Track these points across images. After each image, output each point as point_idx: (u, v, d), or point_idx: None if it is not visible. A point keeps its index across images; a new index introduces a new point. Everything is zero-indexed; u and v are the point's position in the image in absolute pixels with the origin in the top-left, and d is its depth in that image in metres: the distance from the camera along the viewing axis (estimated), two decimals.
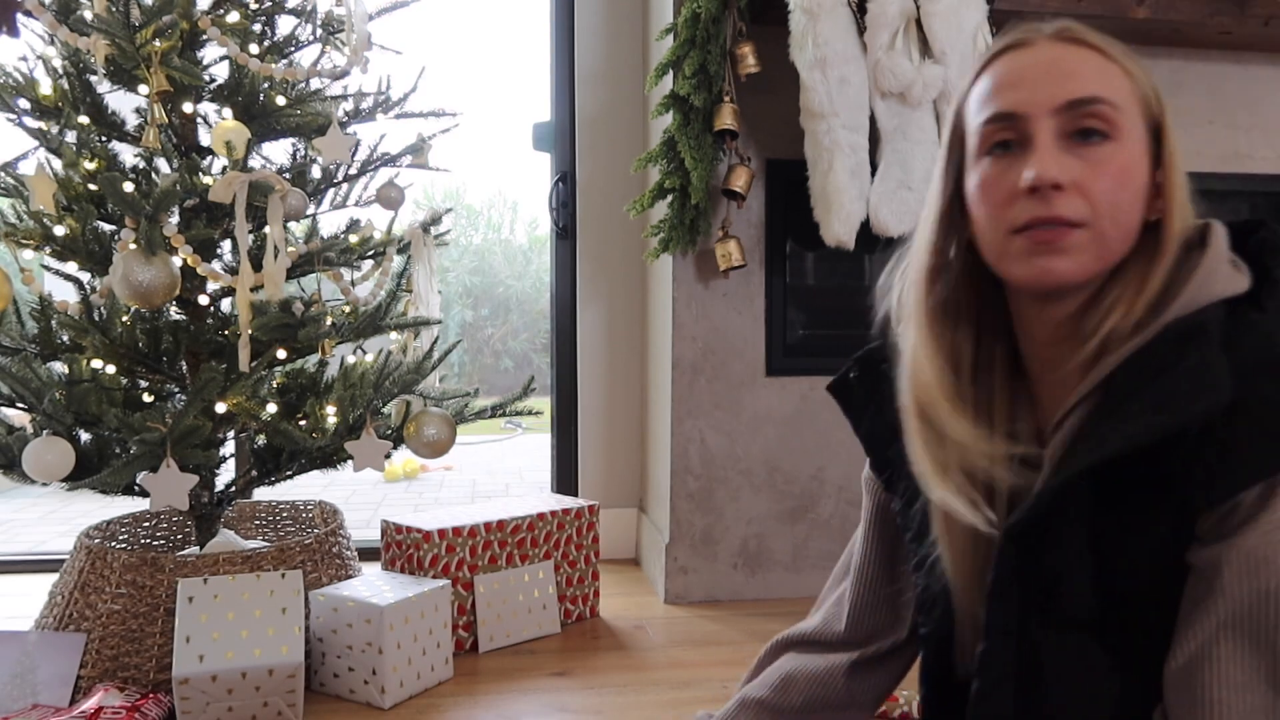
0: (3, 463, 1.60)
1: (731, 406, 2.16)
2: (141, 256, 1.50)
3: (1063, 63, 0.76)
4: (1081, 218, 0.74)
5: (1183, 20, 2.01)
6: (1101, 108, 0.74)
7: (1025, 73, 0.77)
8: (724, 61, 1.96)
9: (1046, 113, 0.75)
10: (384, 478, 4.16)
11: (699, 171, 1.96)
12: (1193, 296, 0.72)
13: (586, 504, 2.07)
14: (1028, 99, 0.75)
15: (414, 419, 1.80)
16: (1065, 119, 0.74)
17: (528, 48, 9.56)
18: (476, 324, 7.90)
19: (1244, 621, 0.66)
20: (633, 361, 2.58)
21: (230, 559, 1.61)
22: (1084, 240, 0.74)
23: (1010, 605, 0.77)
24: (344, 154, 1.73)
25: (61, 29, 1.60)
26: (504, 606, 1.89)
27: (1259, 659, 0.65)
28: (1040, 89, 0.75)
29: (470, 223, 8.19)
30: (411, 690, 1.63)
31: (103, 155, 1.65)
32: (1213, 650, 0.67)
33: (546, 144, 2.58)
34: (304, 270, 1.81)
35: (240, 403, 1.62)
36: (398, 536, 1.87)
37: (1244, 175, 2.28)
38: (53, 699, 1.52)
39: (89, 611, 1.60)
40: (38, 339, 1.61)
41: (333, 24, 1.88)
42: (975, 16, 1.86)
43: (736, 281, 2.13)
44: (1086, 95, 0.74)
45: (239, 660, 1.46)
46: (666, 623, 2.02)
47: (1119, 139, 0.74)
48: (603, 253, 2.55)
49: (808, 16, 1.83)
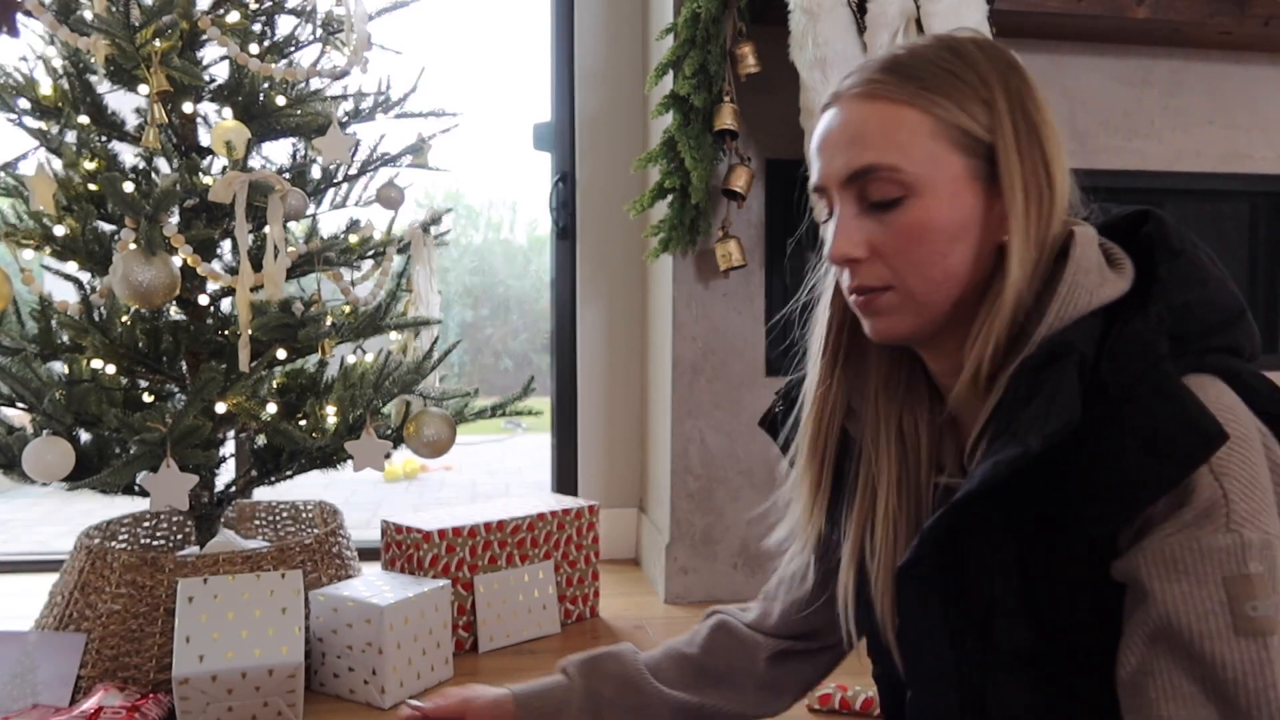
0: (3, 463, 1.60)
1: (731, 406, 2.16)
2: (141, 256, 1.50)
3: (850, 127, 0.75)
4: (884, 282, 0.75)
5: (1183, 20, 2.01)
6: (881, 173, 0.73)
7: (824, 141, 0.77)
8: (724, 61, 1.96)
9: (838, 185, 0.76)
10: (384, 478, 4.16)
11: (699, 171, 1.96)
12: (1058, 315, 0.69)
13: (586, 504, 2.07)
14: (825, 171, 0.77)
15: (414, 419, 1.80)
16: (855, 189, 0.75)
17: (528, 48, 9.56)
18: (476, 324, 7.91)
19: (1172, 630, 0.64)
20: (633, 361, 2.58)
21: (230, 559, 1.61)
22: (894, 301, 0.75)
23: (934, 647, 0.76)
24: (344, 154, 1.73)
25: (61, 29, 1.60)
26: (504, 606, 1.89)
27: (1197, 668, 0.63)
28: (833, 160, 0.76)
29: (470, 223, 8.19)
30: (411, 690, 1.63)
31: (103, 155, 1.65)
32: (1153, 663, 0.65)
33: (546, 144, 2.58)
34: (304, 270, 1.81)
35: (240, 403, 1.62)
36: (398, 536, 1.87)
37: (1244, 175, 2.28)
38: (53, 699, 1.52)
39: (89, 611, 1.60)
40: (38, 339, 1.61)
41: (333, 24, 1.88)
42: (975, 16, 1.86)
43: (736, 281, 2.13)
44: (863, 165, 0.73)
45: (239, 660, 1.46)
46: (666, 623, 2.02)
47: (916, 194, 0.72)
48: (603, 253, 2.55)
49: (808, 16, 1.83)
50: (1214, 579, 0.63)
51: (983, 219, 0.74)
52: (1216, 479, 0.63)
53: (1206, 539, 0.63)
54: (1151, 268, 0.71)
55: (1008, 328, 0.71)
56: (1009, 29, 1.98)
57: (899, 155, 0.72)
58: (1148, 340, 0.66)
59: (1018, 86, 0.75)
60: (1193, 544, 0.63)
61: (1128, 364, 0.66)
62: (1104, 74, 2.20)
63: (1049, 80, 2.17)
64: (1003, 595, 0.72)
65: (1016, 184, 0.72)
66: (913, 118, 0.73)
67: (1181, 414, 0.63)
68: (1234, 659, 0.62)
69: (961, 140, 0.73)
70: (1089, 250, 0.71)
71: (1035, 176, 0.73)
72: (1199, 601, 0.63)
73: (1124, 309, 0.69)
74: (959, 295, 0.74)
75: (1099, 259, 0.72)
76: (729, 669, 0.99)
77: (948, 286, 0.74)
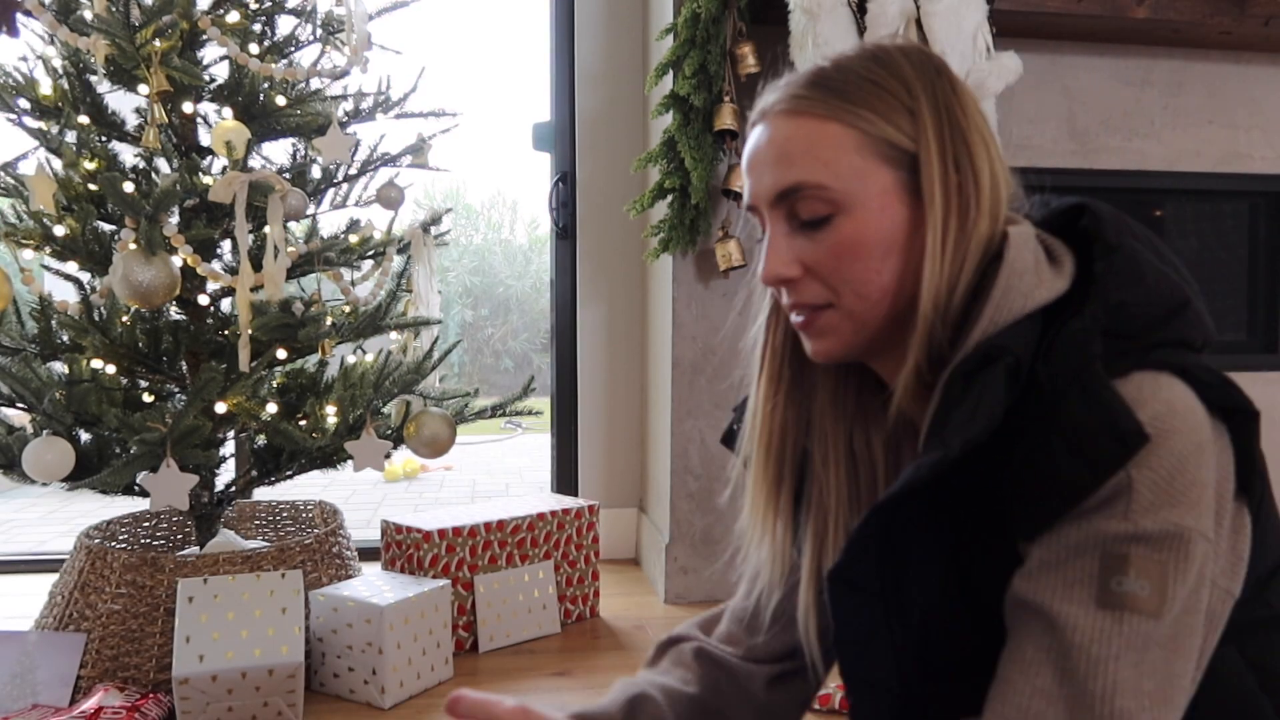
0: (3, 463, 1.60)
1: (731, 406, 2.16)
2: (141, 256, 1.50)
3: (775, 145, 0.74)
4: (822, 299, 0.74)
5: (1183, 20, 2.01)
6: (807, 192, 0.72)
7: (753, 160, 0.76)
8: (724, 61, 1.96)
9: (767, 204, 0.75)
10: (384, 478, 4.15)
11: (699, 171, 1.96)
12: (992, 319, 0.68)
13: (586, 504, 2.07)
14: (755, 191, 0.76)
15: (414, 419, 1.80)
16: (784, 208, 0.74)
17: (528, 48, 9.57)
18: (476, 324, 7.91)
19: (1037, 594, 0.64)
20: (633, 361, 2.58)
21: (230, 559, 1.61)
22: (833, 319, 0.74)
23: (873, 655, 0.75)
24: (344, 154, 1.73)
25: (61, 29, 1.60)
26: (504, 606, 1.89)
27: (1050, 633, 0.63)
28: (761, 179, 0.75)
29: (470, 223, 8.19)
30: (411, 690, 1.63)
31: (103, 155, 1.65)
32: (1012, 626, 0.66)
33: (546, 144, 2.58)
34: (304, 270, 1.81)
35: (240, 403, 1.62)
36: (398, 536, 1.87)
37: (1244, 175, 2.28)
38: (53, 699, 1.52)
39: (89, 611, 1.60)
40: (38, 339, 1.61)
41: (333, 24, 1.88)
42: (975, 16, 1.86)
43: (736, 281, 2.13)
44: (790, 184, 0.72)
45: (239, 660, 1.46)
46: (666, 623, 2.02)
47: (844, 210, 0.72)
48: (603, 253, 2.55)
49: (808, 16, 1.82)
50: (1092, 554, 0.63)
51: (910, 232, 0.72)
52: (1126, 470, 0.63)
53: (1100, 523, 0.63)
54: (1090, 264, 0.70)
55: (930, 336, 0.71)
56: (1009, 29, 1.98)
57: (825, 173, 0.71)
58: (1081, 341, 0.66)
59: (945, 91, 0.73)
60: (1085, 525, 0.63)
61: (1061, 364, 0.65)
62: (1104, 74, 2.20)
63: (1049, 80, 2.17)
64: (940, 600, 0.71)
65: (937, 194, 0.71)
66: (837, 133, 0.72)
67: (1104, 417, 0.63)
68: (1086, 624, 0.62)
69: (888, 153, 0.72)
70: (1023, 252, 0.70)
71: (960, 186, 0.72)
72: (1070, 570, 0.63)
73: (1062, 309, 0.69)
74: (897, 309, 0.73)
75: (1035, 259, 0.71)
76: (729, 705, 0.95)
77: (886, 302, 0.73)
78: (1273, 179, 2.29)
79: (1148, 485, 0.62)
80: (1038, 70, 2.14)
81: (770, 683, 0.94)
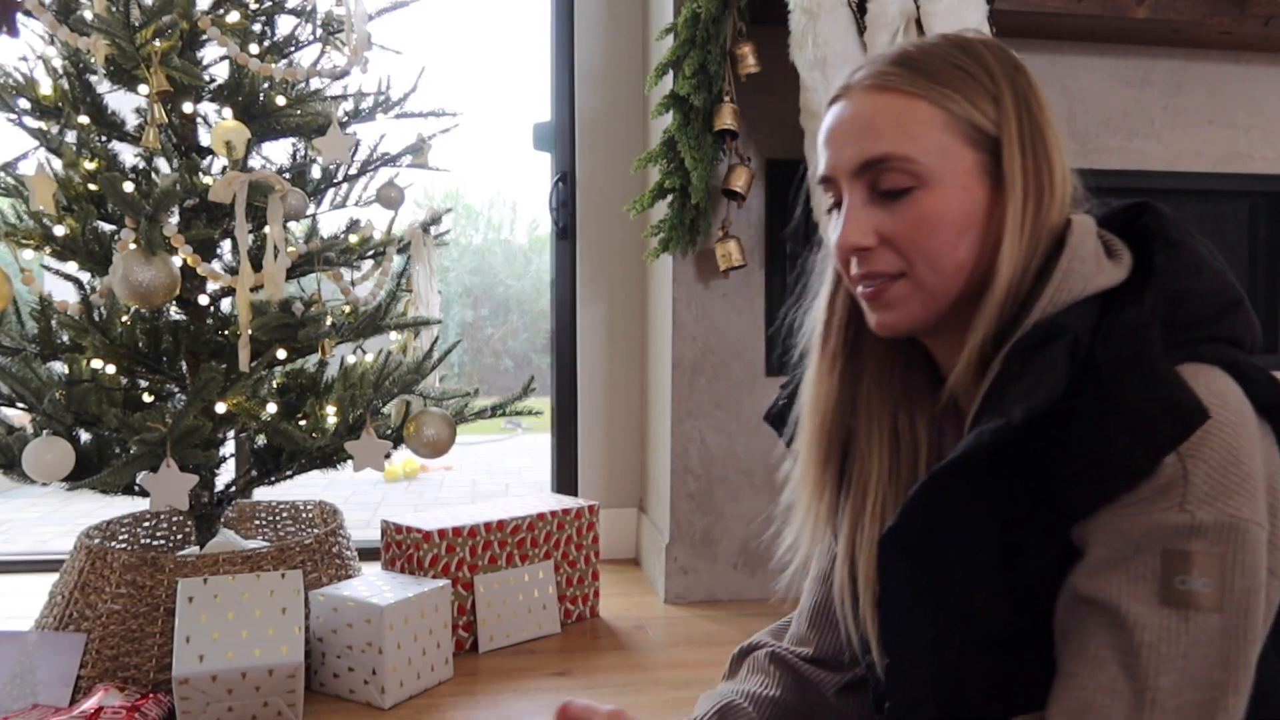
0: (3, 463, 1.60)
1: (731, 406, 2.16)
2: (141, 256, 1.50)
3: (861, 118, 0.76)
4: (896, 269, 0.75)
5: (1182, 20, 2.01)
6: (893, 164, 0.74)
7: (834, 132, 0.78)
8: (724, 61, 1.96)
9: (849, 175, 0.76)
10: (384, 478, 4.16)
11: (699, 171, 1.96)
12: (1051, 299, 0.71)
13: (586, 504, 2.07)
14: (835, 162, 0.77)
15: (414, 419, 1.80)
16: (868, 177, 0.75)
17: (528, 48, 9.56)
18: (476, 324, 7.91)
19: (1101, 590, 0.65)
20: (633, 361, 2.58)
21: (230, 559, 1.61)
22: (905, 290, 0.76)
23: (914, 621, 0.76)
24: (344, 154, 1.73)
25: (61, 29, 1.60)
26: (504, 606, 1.89)
27: (1115, 630, 0.64)
28: (843, 150, 0.76)
29: (470, 223, 8.19)
30: (411, 690, 1.63)
31: (103, 155, 1.65)
32: (1075, 621, 0.67)
33: (546, 144, 2.58)
34: (304, 270, 1.81)
35: (240, 403, 1.62)
36: (398, 536, 1.87)
37: (1244, 175, 2.28)
38: (53, 699, 1.52)
39: (89, 611, 1.60)
40: (38, 339, 1.61)
41: (333, 24, 1.88)
42: (975, 16, 1.86)
43: (736, 281, 2.13)
44: (876, 155, 0.74)
45: (239, 660, 1.46)
46: (666, 623, 2.02)
47: (926, 185, 0.73)
48: (603, 253, 2.55)
49: (808, 16, 1.83)
50: (1154, 550, 0.64)
51: (988, 213, 0.75)
52: (1181, 459, 0.64)
53: (1158, 515, 0.64)
54: (1148, 258, 0.72)
55: (999, 314, 0.73)
56: (1009, 29, 1.98)
57: (912, 146, 0.73)
58: (1140, 325, 0.67)
59: (1023, 86, 0.76)
60: (1142, 517, 0.64)
61: (1119, 347, 0.67)
62: (1104, 74, 2.20)
63: (1049, 80, 2.17)
64: (984, 573, 0.73)
65: (1017, 178, 0.73)
66: (925, 110, 0.74)
67: (1165, 395, 0.64)
68: (1152, 623, 0.63)
69: (971, 134, 0.74)
70: (1086, 240, 0.73)
71: (1037, 172, 0.74)
72: (1133, 567, 0.64)
73: (1120, 297, 0.70)
74: (966, 286, 0.75)
75: (1096, 248, 0.73)
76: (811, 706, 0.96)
77: (957, 278, 0.75)
78: (1273, 179, 2.29)
79: (1202, 476, 0.64)
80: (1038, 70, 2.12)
81: (841, 691, 0.95)
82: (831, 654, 0.96)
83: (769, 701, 0.94)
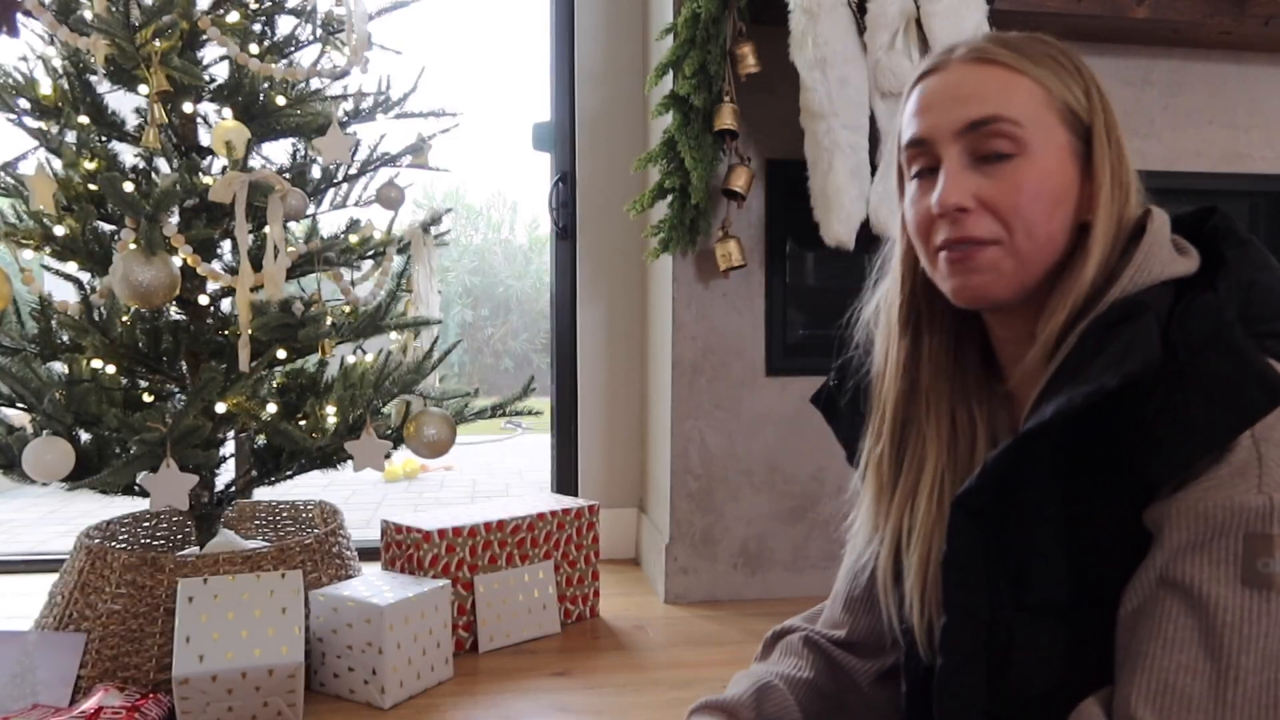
0: (3, 463, 1.60)
1: (731, 406, 2.16)
2: (141, 256, 1.50)
3: (966, 85, 0.78)
4: (993, 235, 0.76)
5: (1182, 20, 2.01)
6: (1001, 126, 0.75)
7: (934, 97, 0.79)
8: (724, 61, 1.96)
9: (950, 136, 0.77)
10: (384, 478, 4.15)
11: (699, 171, 1.96)
12: (1132, 279, 0.73)
13: (586, 504, 2.07)
14: (934, 124, 0.78)
15: (414, 419, 1.80)
16: (969, 140, 0.77)
17: (528, 48, 9.57)
18: (476, 324, 7.90)
19: (1182, 572, 0.67)
20: (633, 361, 2.58)
21: (230, 559, 1.61)
22: (998, 256, 0.76)
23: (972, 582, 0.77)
24: (344, 154, 1.73)
25: (61, 29, 1.60)
26: (504, 606, 1.89)
27: (1196, 612, 0.66)
28: (945, 113, 0.78)
29: (470, 223, 8.19)
30: (411, 690, 1.63)
31: (103, 155, 1.65)
32: (1155, 603, 0.68)
33: (546, 144, 2.58)
34: (304, 270, 1.81)
35: (240, 403, 1.62)
36: (398, 536, 1.87)
37: (1244, 175, 2.28)
38: (53, 699, 1.52)
39: (89, 611, 1.60)
40: (38, 339, 1.61)
41: (333, 24, 1.88)
42: (975, 16, 1.86)
43: (736, 281, 2.13)
44: (984, 115, 0.76)
45: (239, 660, 1.46)
46: (666, 623, 2.02)
47: (1027, 154, 0.76)
48: (603, 253, 2.55)
49: (808, 16, 1.83)
50: (1235, 534, 0.66)
51: (1076, 194, 0.77)
52: (1255, 443, 0.66)
53: (1238, 497, 0.65)
54: (1218, 255, 0.75)
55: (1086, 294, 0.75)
56: (1009, 29, 1.97)
57: (1019, 112, 0.76)
58: (1217, 308, 0.70)
59: (1102, 87, 0.80)
60: (1223, 500, 0.66)
61: (1197, 326, 0.69)
62: (1104, 74, 2.17)
63: None
64: (1043, 544, 0.74)
65: (1106, 165, 0.77)
66: (1027, 84, 0.77)
67: (1247, 367, 0.66)
68: (1234, 604, 0.65)
69: (1068, 116, 0.77)
70: (1164, 229, 0.76)
71: (1119, 163, 0.78)
72: (1214, 550, 0.66)
73: (1192, 286, 0.73)
74: (1054, 261, 0.77)
75: (1172, 239, 0.76)
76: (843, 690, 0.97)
77: (1048, 249, 0.77)
78: (1273, 179, 2.29)
79: (1275, 460, 0.66)
80: None
81: (874, 681, 0.97)
82: (866, 638, 0.97)
83: (802, 684, 0.95)
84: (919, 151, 0.80)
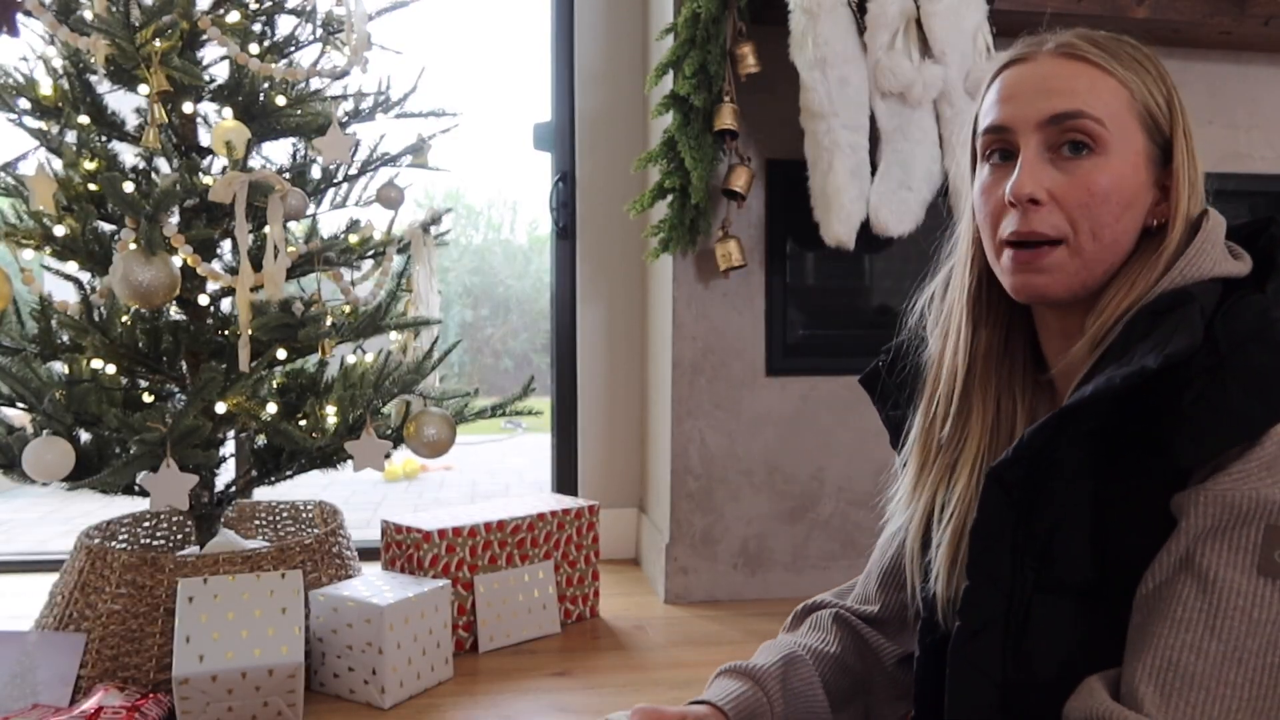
0: (3, 463, 1.60)
1: (731, 406, 2.16)
2: (141, 256, 1.50)
3: (1053, 78, 0.78)
4: (1059, 233, 0.77)
5: (1182, 20, 2.01)
6: (1083, 122, 0.76)
7: (1019, 87, 0.80)
8: (724, 61, 1.96)
9: (1032, 127, 0.78)
10: (384, 478, 4.15)
11: (699, 171, 1.96)
12: (1181, 272, 0.74)
13: (586, 504, 2.07)
14: (1016, 113, 0.79)
15: (414, 419, 1.80)
16: (1050, 133, 0.77)
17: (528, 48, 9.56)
18: (476, 324, 7.90)
19: (1199, 557, 0.68)
20: (633, 361, 2.58)
21: (230, 559, 1.61)
22: (1062, 258, 0.77)
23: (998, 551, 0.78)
24: (344, 154, 1.73)
25: (61, 29, 1.60)
26: (504, 606, 1.89)
27: (1210, 595, 0.67)
28: (1029, 104, 0.78)
29: (470, 223, 8.18)
30: (411, 690, 1.63)
31: (103, 155, 1.65)
32: (1171, 586, 0.69)
33: (546, 144, 2.58)
34: (304, 270, 1.81)
35: (240, 403, 1.62)
36: (398, 536, 1.87)
37: (1244, 175, 2.28)
38: (53, 699, 1.52)
39: (89, 611, 1.60)
40: (38, 339, 1.61)
41: (333, 24, 1.88)
42: (975, 16, 1.86)
43: (736, 281, 2.13)
44: (1068, 110, 0.76)
45: (239, 660, 1.46)
46: (666, 623, 2.02)
47: (1105, 153, 0.76)
48: (603, 253, 2.55)
49: (808, 16, 1.83)
50: (1257, 524, 0.67)
51: (1146, 199, 0.78)
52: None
53: (1264, 490, 0.66)
54: (1269, 262, 0.76)
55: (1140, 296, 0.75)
56: (1009, 29, 1.98)
57: (1103, 110, 0.76)
58: (1264, 307, 0.71)
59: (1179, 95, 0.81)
60: (1249, 491, 0.67)
61: (1241, 322, 0.70)
62: None
63: None
64: (1071, 524, 0.75)
65: (1184, 176, 0.78)
66: (1113, 85, 0.77)
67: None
68: (1246, 589, 0.66)
69: (1146, 121, 0.78)
70: (1219, 229, 0.77)
71: (1194, 173, 0.79)
72: (1234, 537, 0.67)
73: (1241, 286, 0.74)
74: (1114, 265, 0.78)
75: (1225, 241, 0.77)
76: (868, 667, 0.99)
77: (1111, 251, 0.77)
78: (1273, 179, 2.29)
79: None
80: None
81: (900, 662, 0.98)
82: (895, 614, 0.98)
83: (829, 658, 0.96)
84: (997, 138, 0.80)
